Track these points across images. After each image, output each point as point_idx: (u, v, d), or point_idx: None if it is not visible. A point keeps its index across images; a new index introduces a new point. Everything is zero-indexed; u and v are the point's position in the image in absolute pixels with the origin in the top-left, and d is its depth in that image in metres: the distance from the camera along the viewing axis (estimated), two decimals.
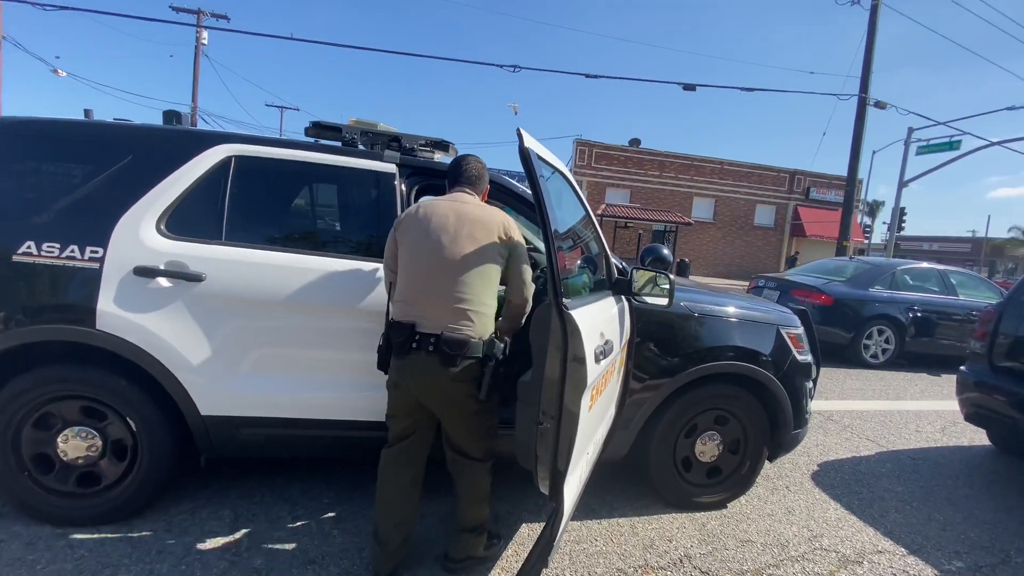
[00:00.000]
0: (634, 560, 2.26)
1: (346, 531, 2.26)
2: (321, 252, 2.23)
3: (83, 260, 1.99)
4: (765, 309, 2.88)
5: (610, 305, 2.10)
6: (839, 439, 4.00)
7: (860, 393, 5.45)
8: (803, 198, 26.43)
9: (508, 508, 2.55)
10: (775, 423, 2.76)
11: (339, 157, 2.32)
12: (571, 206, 2.22)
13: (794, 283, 7.10)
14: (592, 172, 24.31)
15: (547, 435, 1.57)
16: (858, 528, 2.70)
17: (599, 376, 1.74)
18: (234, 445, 2.21)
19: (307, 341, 2.18)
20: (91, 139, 2.17)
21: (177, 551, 2.04)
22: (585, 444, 1.78)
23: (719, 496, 2.74)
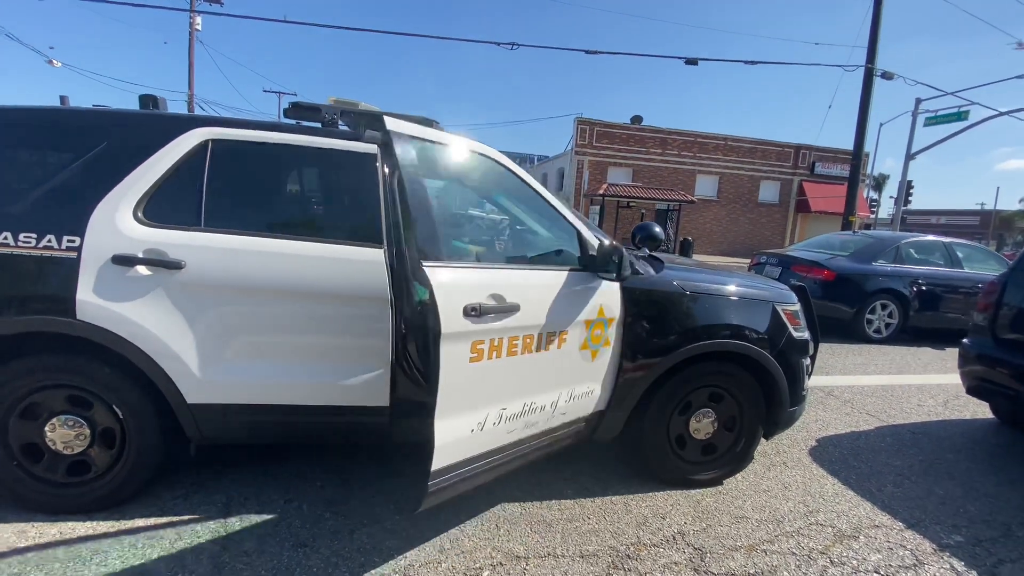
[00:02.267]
0: (627, 537, 2.25)
1: (338, 513, 2.26)
2: (302, 237, 2.19)
3: (60, 250, 1.96)
4: (760, 286, 2.83)
5: (535, 274, 2.21)
6: (839, 414, 3.98)
7: (862, 368, 5.41)
8: (808, 173, 26.04)
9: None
10: (771, 401, 2.73)
11: (318, 139, 2.26)
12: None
13: (795, 258, 7.01)
14: (594, 151, 24.00)
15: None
16: (855, 503, 2.68)
17: (487, 332, 1.91)
18: (222, 432, 2.21)
19: (290, 327, 2.16)
20: (64, 126, 2.12)
21: (169, 536, 2.05)
22: (483, 393, 1.96)
23: (714, 473, 2.73)
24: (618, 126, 24.35)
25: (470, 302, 1.88)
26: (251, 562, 1.94)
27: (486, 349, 1.93)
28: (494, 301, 1.96)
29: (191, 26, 21.43)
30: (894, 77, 15.09)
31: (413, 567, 1.97)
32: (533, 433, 2.20)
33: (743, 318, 2.61)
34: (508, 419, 2.07)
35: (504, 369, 2.02)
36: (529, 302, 2.06)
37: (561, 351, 2.21)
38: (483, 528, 2.24)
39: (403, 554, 2.04)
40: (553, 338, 2.17)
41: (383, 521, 2.24)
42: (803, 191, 25.81)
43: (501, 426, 2.05)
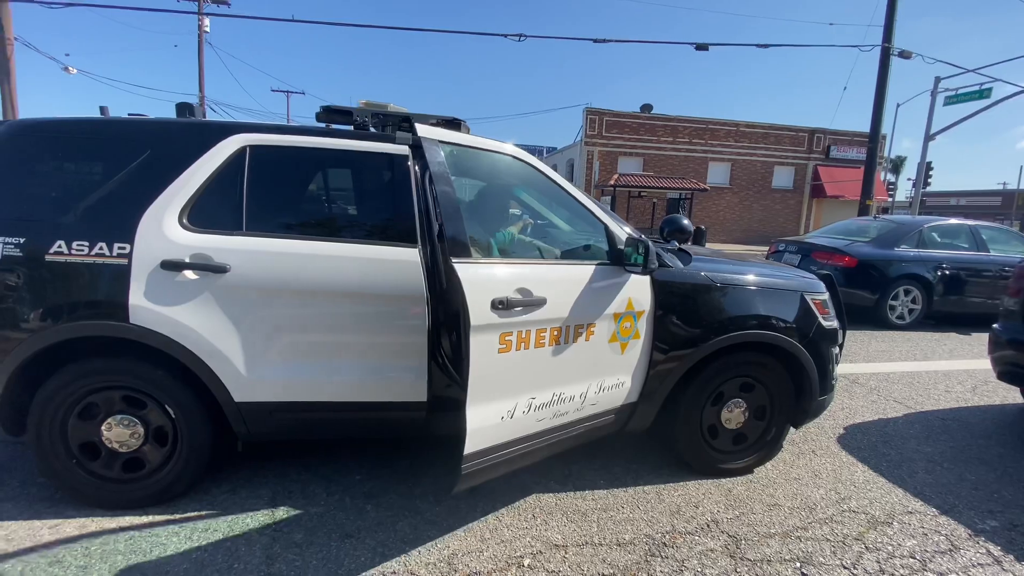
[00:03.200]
0: (661, 526, 2.30)
1: (379, 506, 2.34)
2: (339, 238, 2.25)
3: (112, 257, 2.04)
4: (789, 276, 2.83)
5: (562, 269, 2.25)
6: (865, 402, 3.97)
7: (886, 355, 5.37)
8: (823, 157, 25.62)
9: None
10: (801, 390, 2.74)
11: (351, 141, 2.31)
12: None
13: (816, 245, 6.95)
14: (604, 141, 23.84)
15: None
16: (887, 490, 2.70)
17: (514, 324, 1.98)
18: (268, 429, 2.28)
19: (330, 327, 2.22)
20: (109, 136, 2.19)
21: (222, 528, 2.14)
22: (512, 383, 2.03)
23: (745, 462, 2.76)
24: (628, 115, 24.13)
25: (497, 296, 1.95)
26: (302, 552, 2.02)
27: (514, 341, 2.00)
28: (521, 295, 2.02)
29: (200, 28, 21.61)
30: (912, 56, 14.74)
31: (456, 556, 2.04)
32: (563, 423, 2.25)
33: (773, 308, 2.62)
34: (538, 408, 2.12)
35: (532, 360, 2.08)
36: (556, 296, 2.11)
37: (589, 343, 2.25)
38: (520, 518, 2.30)
39: (446, 544, 2.10)
40: (581, 331, 2.21)
41: (423, 512, 2.30)
42: (818, 176, 25.42)
43: (531, 415, 2.11)
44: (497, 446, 2.03)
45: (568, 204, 2.51)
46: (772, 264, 3.15)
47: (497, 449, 2.03)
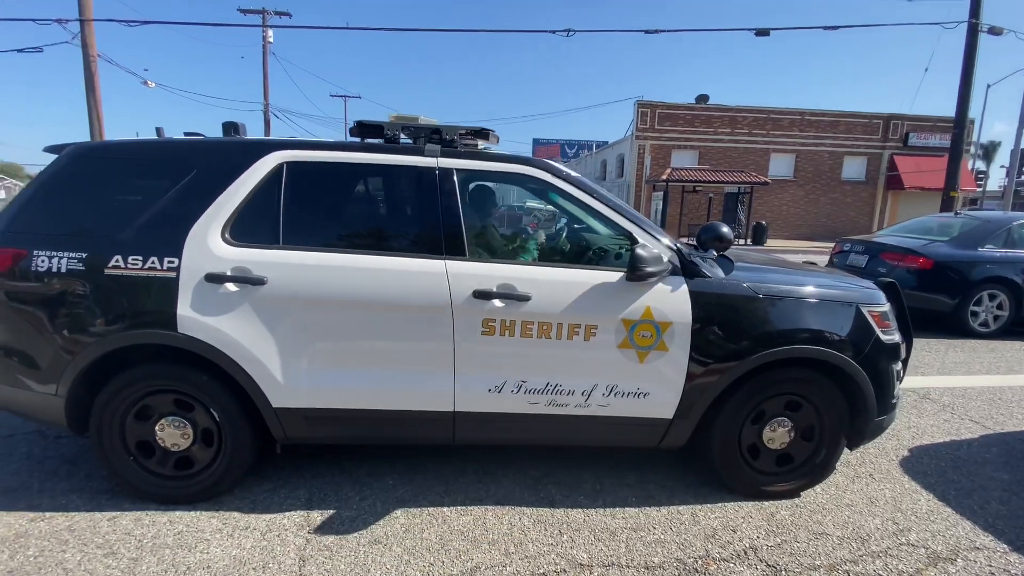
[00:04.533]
0: (694, 550, 2.20)
1: (409, 512, 2.38)
2: (372, 251, 2.30)
3: (162, 270, 2.18)
4: (844, 286, 2.62)
5: (554, 271, 2.37)
6: (936, 420, 3.63)
7: (964, 367, 4.88)
8: (901, 145, 23.69)
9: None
10: (855, 409, 2.54)
11: (382, 155, 2.36)
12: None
13: (885, 245, 6.42)
14: (656, 135, 23.18)
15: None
16: (953, 521, 2.45)
17: (495, 312, 2.27)
18: (304, 434, 2.38)
19: (364, 337, 2.28)
20: (160, 158, 2.35)
21: (260, 527, 2.25)
22: (497, 363, 2.32)
23: (791, 485, 2.59)
24: (682, 107, 23.33)
25: (479, 288, 2.25)
26: (332, 556, 2.09)
27: (497, 327, 2.28)
28: (501, 289, 2.27)
29: (264, 39, 22.85)
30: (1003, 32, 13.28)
31: (479, 569, 2.04)
32: (564, 414, 2.39)
33: (822, 321, 2.44)
34: (529, 391, 2.34)
35: (519, 347, 2.30)
36: (542, 294, 2.29)
37: (590, 344, 2.33)
38: (547, 533, 2.27)
39: (469, 556, 2.11)
40: (578, 330, 2.31)
41: (451, 522, 2.32)
42: (895, 166, 23.54)
43: (521, 396, 2.34)
44: (487, 414, 2.36)
45: (590, 212, 2.45)
46: (826, 272, 2.93)
47: (488, 417, 2.37)
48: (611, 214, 2.44)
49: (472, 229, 2.39)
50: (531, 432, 2.45)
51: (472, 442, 2.51)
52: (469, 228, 2.36)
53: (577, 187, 2.44)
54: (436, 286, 2.24)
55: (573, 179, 2.46)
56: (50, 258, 2.20)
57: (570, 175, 2.47)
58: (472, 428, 2.41)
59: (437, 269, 2.26)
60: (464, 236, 2.32)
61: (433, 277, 2.25)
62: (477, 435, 2.45)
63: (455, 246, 2.31)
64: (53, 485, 2.53)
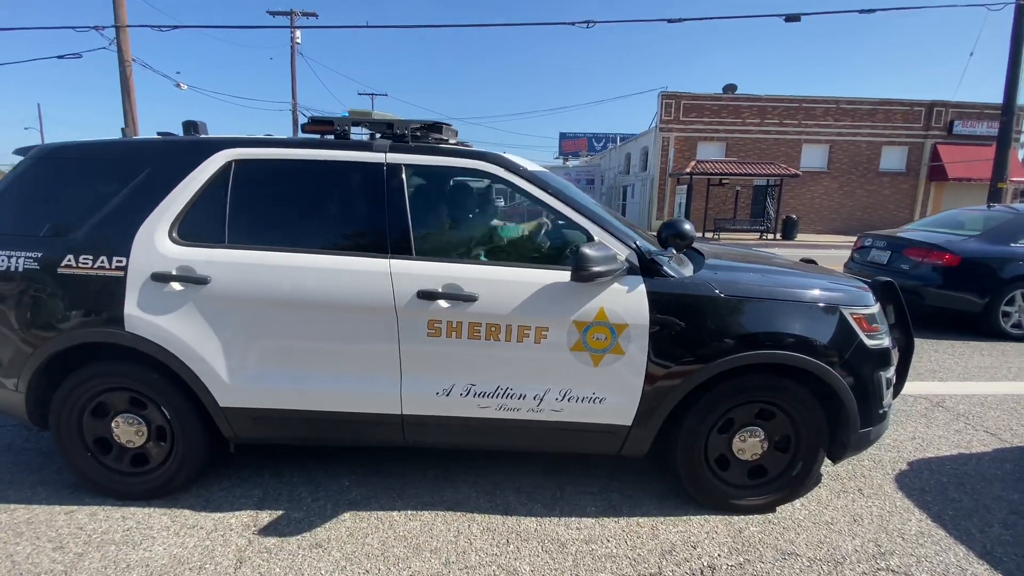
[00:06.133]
0: (647, 567, 2.07)
1: (357, 516, 2.33)
2: (316, 250, 2.25)
3: (111, 269, 2.20)
4: (826, 286, 2.42)
5: (501, 270, 2.26)
6: (946, 431, 3.35)
7: (989, 372, 4.52)
8: (944, 134, 22.35)
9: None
10: (836, 420, 2.35)
11: (330, 152, 2.31)
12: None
13: (909, 241, 6.01)
14: (681, 126, 22.56)
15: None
16: (944, 546, 2.24)
17: (441, 313, 2.20)
18: (253, 434, 2.36)
19: (308, 337, 2.24)
20: (114, 158, 2.36)
21: (207, 526, 2.25)
22: (444, 366, 2.25)
23: (764, 499, 2.42)
24: (708, 97, 22.63)
25: (423, 288, 2.18)
26: (269, 558, 2.06)
27: (443, 328, 2.21)
28: (446, 289, 2.19)
29: (292, 40, 23.31)
30: None
31: None
32: (516, 419, 2.30)
33: (795, 324, 2.26)
34: (479, 395, 2.27)
35: (467, 349, 2.23)
36: (489, 295, 2.20)
37: (541, 346, 2.23)
38: (493, 543, 2.19)
39: (408, 563, 2.05)
40: (527, 332, 2.22)
41: (397, 527, 2.27)
42: (938, 155, 22.24)
43: (471, 399, 2.27)
44: (434, 416, 2.30)
45: (547, 209, 2.34)
46: (812, 271, 2.73)
47: (435, 419, 2.30)
48: (567, 211, 2.33)
49: (422, 227, 2.31)
50: (483, 437, 2.36)
51: (423, 445, 2.45)
52: (418, 226, 2.28)
53: (531, 182, 2.33)
54: (379, 286, 2.18)
55: (527, 174, 2.35)
56: (9, 258, 2.24)
57: (524, 170, 2.36)
58: (421, 431, 2.35)
59: (381, 268, 2.20)
60: (411, 234, 2.25)
61: (376, 277, 2.19)
62: (427, 438, 2.39)
63: (401, 245, 2.24)
64: (24, 478, 2.60)
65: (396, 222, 2.25)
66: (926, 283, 5.62)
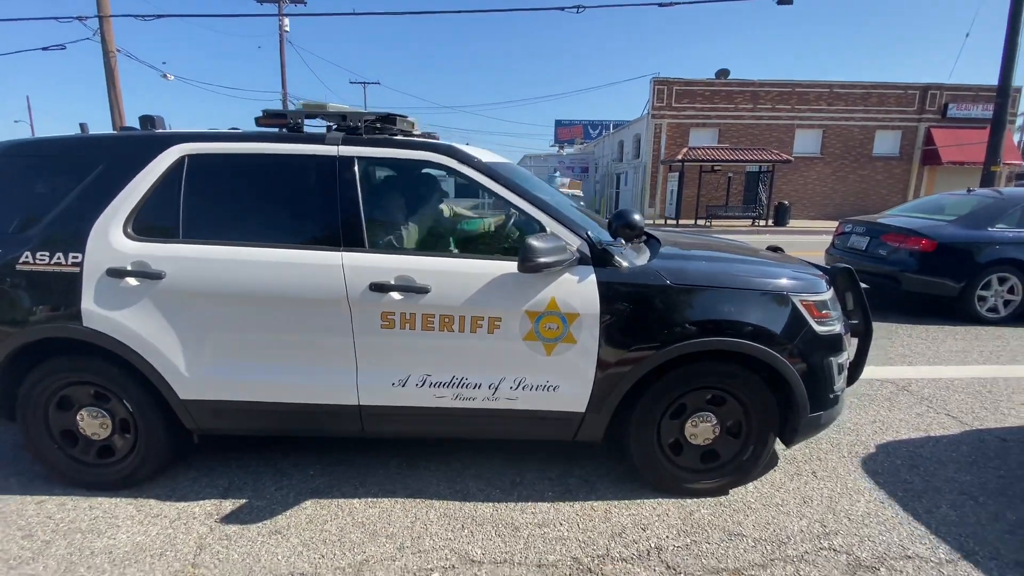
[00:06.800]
0: (596, 549, 2.14)
1: (319, 504, 2.39)
2: (269, 244, 2.28)
3: (67, 265, 2.22)
4: (774, 274, 2.46)
5: (453, 262, 2.33)
6: (907, 414, 3.42)
7: (960, 356, 4.58)
8: (938, 117, 22.26)
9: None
10: (786, 405, 2.41)
11: (282, 145, 2.32)
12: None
13: (888, 226, 6.04)
14: (673, 113, 22.42)
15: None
16: (890, 526, 2.30)
17: (394, 305, 2.24)
18: (214, 426, 2.41)
19: (264, 331, 2.27)
20: (70, 154, 2.37)
21: (171, 515, 2.30)
22: (399, 357, 2.30)
23: (716, 482, 2.49)
24: (700, 83, 22.46)
25: (376, 280, 2.21)
26: (228, 545, 2.12)
27: (397, 320, 2.24)
28: (399, 282, 2.22)
29: (280, 28, 23.02)
30: None
31: (368, 563, 2.04)
32: (472, 407, 2.35)
33: (744, 312, 2.30)
34: (434, 385, 2.31)
35: (421, 340, 2.27)
36: (442, 286, 2.23)
37: (494, 336, 2.27)
38: (448, 527, 2.25)
39: (363, 548, 2.11)
40: (481, 323, 2.25)
41: (356, 514, 2.33)
42: (931, 139, 22.18)
43: (427, 389, 2.32)
44: (392, 407, 2.34)
45: (500, 200, 2.36)
46: (762, 259, 2.76)
47: (393, 410, 2.35)
48: (520, 202, 2.35)
49: (374, 219, 2.34)
50: (440, 425, 2.41)
51: (382, 435, 2.51)
52: (370, 218, 2.31)
53: (484, 173, 2.35)
54: (332, 279, 2.21)
55: (480, 165, 2.37)
56: None
57: (477, 161, 2.38)
58: (379, 422, 2.40)
59: (333, 262, 2.23)
60: (363, 227, 2.27)
61: (329, 270, 2.22)
62: (385, 429, 2.44)
63: (353, 237, 2.27)
64: None
65: (349, 215, 2.27)
66: (903, 268, 5.67)
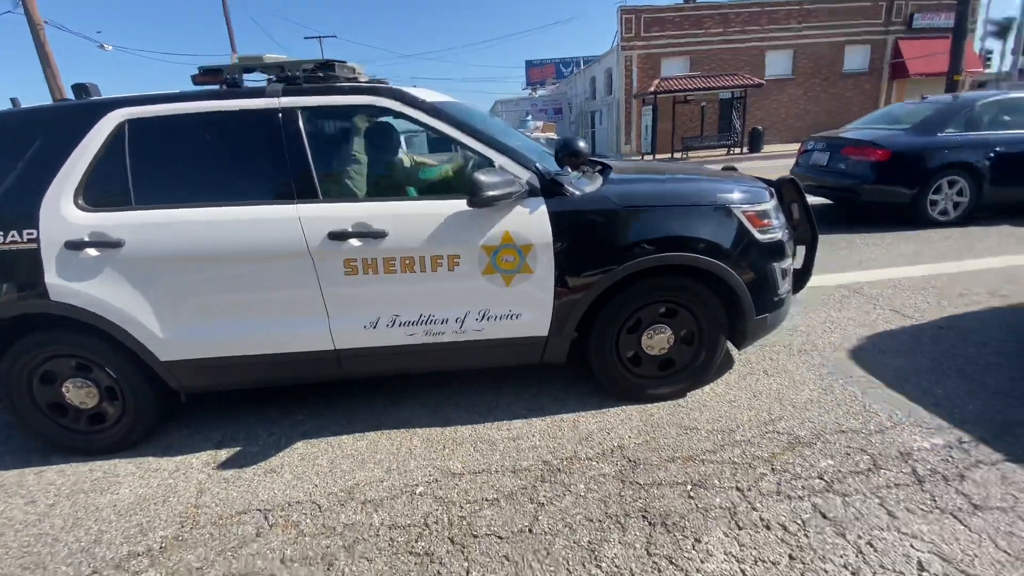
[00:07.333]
0: (564, 452, 2.35)
1: (309, 443, 2.56)
2: (223, 203, 2.31)
3: (23, 243, 2.25)
4: (716, 190, 2.57)
5: (408, 205, 2.39)
6: (856, 313, 3.66)
7: (911, 258, 4.83)
8: (905, 28, 21.96)
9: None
10: (734, 310, 2.59)
11: (222, 102, 2.31)
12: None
13: (846, 140, 6.16)
14: (643, 43, 21.78)
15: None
16: (828, 408, 2.55)
17: (355, 252, 2.31)
18: (199, 383, 2.53)
19: (232, 289, 2.34)
20: (7, 129, 2.34)
21: (169, 468, 2.46)
22: (367, 301, 2.39)
23: (674, 387, 2.70)
24: (669, 9, 21.73)
25: (333, 229, 2.27)
26: (227, 486, 2.29)
27: (359, 266, 2.33)
28: (356, 228, 2.28)
29: None
30: None
31: (359, 486, 2.23)
32: (442, 342, 2.49)
33: (689, 227, 2.43)
34: (404, 324, 2.44)
35: (385, 283, 2.37)
36: (398, 229, 2.31)
37: (455, 273, 2.38)
38: (431, 449, 2.44)
39: (353, 475, 2.30)
40: (440, 261, 2.35)
41: (345, 447, 2.50)
42: (899, 52, 21.98)
43: (397, 329, 2.44)
44: (367, 348, 2.46)
45: (451, 140, 2.41)
46: (707, 177, 2.86)
47: (369, 351, 2.47)
48: (469, 141, 2.40)
49: (325, 169, 2.38)
50: (415, 361, 2.56)
51: (361, 375, 2.65)
52: (321, 169, 2.35)
53: (428, 113, 2.38)
54: (290, 232, 2.27)
55: (426, 106, 2.40)
56: None
57: (423, 102, 2.41)
58: (357, 363, 2.53)
59: (289, 214, 2.28)
60: (314, 178, 2.32)
61: (286, 223, 2.27)
62: (363, 368, 2.58)
63: (306, 189, 2.31)
64: None
65: (298, 167, 2.30)
66: (862, 180, 5.83)
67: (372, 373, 2.66)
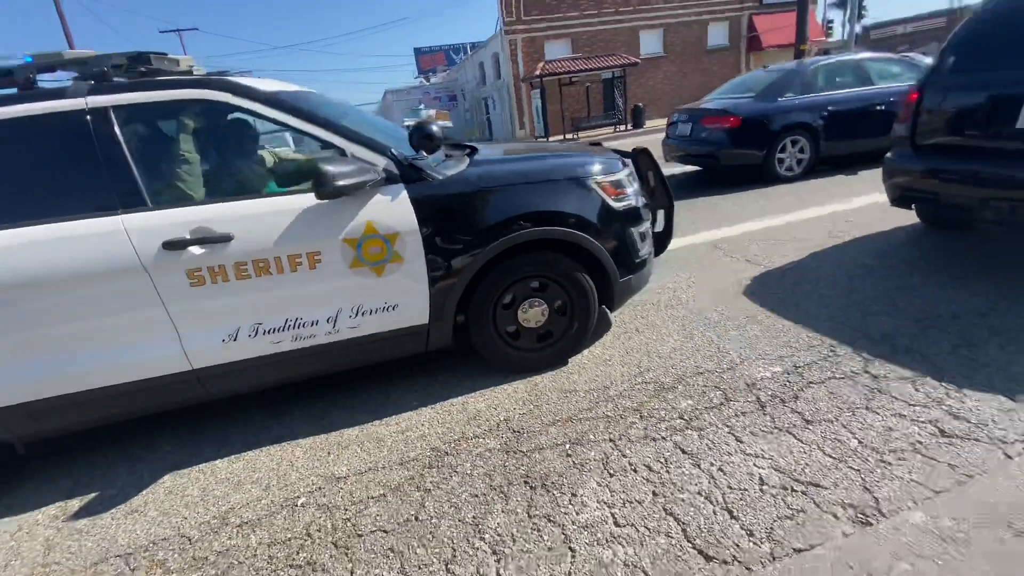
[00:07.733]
0: (452, 435, 2.38)
1: (177, 474, 2.37)
2: (32, 221, 2.03)
3: None
4: (572, 164, 2.70)
5: (255, 203, 2.22)
6: (715, 267, 4.04)
7: (761, 212, 5.41)
8: (757, 5, 24.21)
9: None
10: (600, 276, 2.74)
11: (16, 107, 2.01)
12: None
13: (705, 111, 6.72)
14: (524, 27, 22.06)
15: None
16: (688, 354, 2.80)
17: (198, 260, 2.14)
18: (34, 429, 2.23)
19: (59, 319, 2.08)
20: None
21: (10, 529, 2.16)
22: (222, 312, 2.23)
23: (555, 355, 2.82)
24: None
25: (168, 238, 2.09)
26: (80, 537, 2.06)
27: (206, 275, 2.16)
28: (196, 235, 2.12)
29: None
30: None
31: (234, 509, 2.10)
32: (316, 344, 2.39)
33: (548, 201, 2.53)
34: (268, 332, 2.31)
35: (240, 290, 2.21)
36: (245, 231, 2.16)
37: (318, 271, 2.27)
38: (314, 458, 2.36)
39: (227, 499, 2.16)
40: (299, 260, 2.23)
41: (219, 472, 2.35)
42: (753, 26, 24.20)
43: (262, 338, 2.31)
44: (230, 363, 2.30)
45: (297, 132, 2.30)
46: (565, 152, 2.99)
47: (232, 366, 2.31)
48: (313, 130, 2.30)
49: (152, 173, 2.16)
50: (290, 369, 2.44)
51: (231, 393, 2.49)
52: (147, 173, 2.13)
53: (265, 104, 2.24)
54: (117, 246, 2.05)
55: (263, 96, 2.26)
56: None
57: (259, 92, 2.26)
58: (223, 381, 2.37)
59: (113, 227, 2.06)
60: (139, 183, 2.10)
61: (110, 237, 2.05)
62: (232, 385, 2.42)
63: (131, 197, 2.09)
64: None
65: (118, 173, 2.08)
66: (719, 146, 6.41)
67: (245, 389, 2.50)
